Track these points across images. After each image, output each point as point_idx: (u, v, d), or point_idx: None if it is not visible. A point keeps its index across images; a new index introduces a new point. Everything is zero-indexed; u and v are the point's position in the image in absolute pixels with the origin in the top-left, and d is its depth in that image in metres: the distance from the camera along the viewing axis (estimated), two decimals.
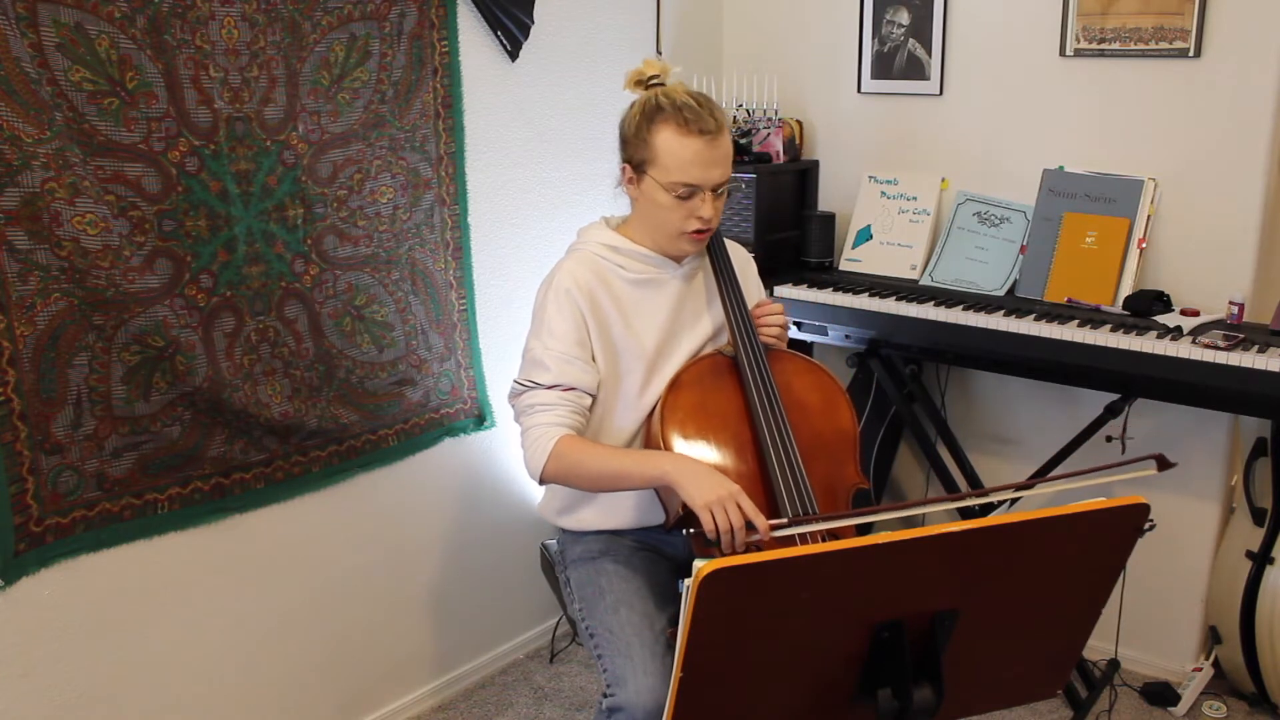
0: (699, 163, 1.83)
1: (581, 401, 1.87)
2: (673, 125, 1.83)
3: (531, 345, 1.91)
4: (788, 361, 2.00)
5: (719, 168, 1.85)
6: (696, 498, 1.65)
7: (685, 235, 1.89)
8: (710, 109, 1.85)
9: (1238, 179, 2.57)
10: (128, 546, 2.06)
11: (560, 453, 1.79)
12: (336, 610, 2.48)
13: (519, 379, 1.91)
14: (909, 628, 1.35)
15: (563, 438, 1.80)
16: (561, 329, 1.88)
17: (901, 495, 3.33)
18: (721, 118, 1.86)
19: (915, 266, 2.97)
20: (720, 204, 1.90)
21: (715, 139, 1.83)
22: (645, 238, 1.95)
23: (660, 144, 1.84)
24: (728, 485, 1.67)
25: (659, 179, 1.85)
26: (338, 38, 2.23)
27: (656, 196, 1.87)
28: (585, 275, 1.91)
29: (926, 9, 2.94)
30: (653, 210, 1.89)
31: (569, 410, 1.85)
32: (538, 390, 1.86)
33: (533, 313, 1.95)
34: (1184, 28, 2.56)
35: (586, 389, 1.88)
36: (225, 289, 2.12)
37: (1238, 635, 2.62)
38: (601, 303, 1.91)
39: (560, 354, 1.86)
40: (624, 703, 1.74)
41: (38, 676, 1.96)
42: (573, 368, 1.87)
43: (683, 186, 1.84)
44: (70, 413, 1.92)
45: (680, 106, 1.83)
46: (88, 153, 1.88)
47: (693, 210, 1.86)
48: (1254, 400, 2.31)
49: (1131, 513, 1.38)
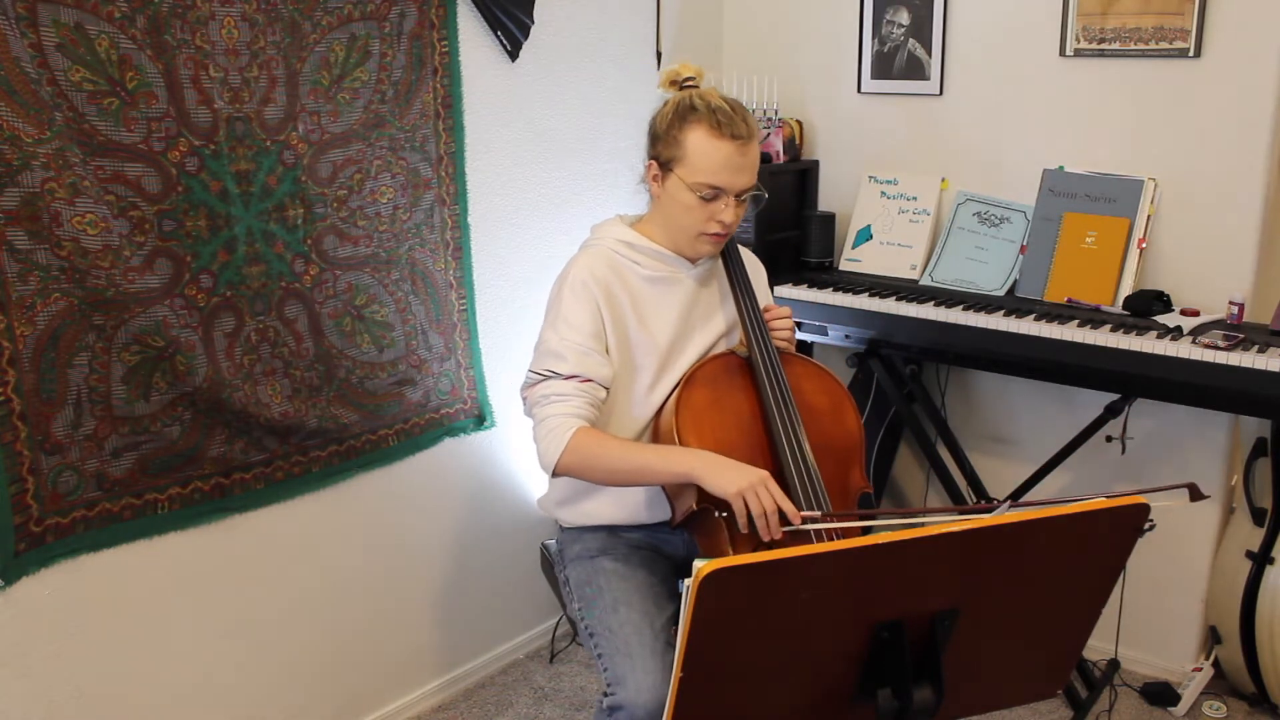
0: (728, 167, 1.84)
1: (597, 394, 1.86)
2: (705, 126, 1.83)
3: (547, 336, 1.90)
4: (797, 365, 2.01)
5: (745, 174, 1.86)
6: (729, 486, 1.66)
7: (704, 236, 1.90)
8: (743, 115, 1.86)
9: (1238, 179, 2.56)
10: (128, 546, 2.06)
11: (577, 445, 1.78)
12: (336, 610, 2.48)
13: (534, 369, 1.90)
14: (909, 628, 1.35)
15: (580, 429, 1.79)
16: (578, 320, 1.87)
17: (901, 495, 3.33)
18: (753, 125, 1.87)
19: (915, 266, 2.97)
20: (741, 210, 1.91)
21: (746, 145, 1.85)
22: (662, 236, 1.96)
23: (691, 144, 1.85)
24: (757, 472, 1.68)
25: (685, 178, 1.86)
26: (338, 38, 2.23)
27: (680, 196, 1.88)
28: (601, 270, 1.92)
29: (926, 9, 2.94)
30: (674, 209, 1.90)
31: (585, 402, 1.83)
32: (554, 380, 1.85)
33: (547, 305, 1.96)
34: (1184, 28, 2.56)
35: (603, 381, 1.87)
36: (225, 289, 2.12)
37: (1238, 635, 2.62)
38: (617, 297, 1.92)
39: (577, 345, 1.86)
40: (624, 701, 1.74)
41: (38, 676, 1.96)
42: (590, 359, 1.86)
43: (708, 188, 1.85)
44: (70, 413, 1.92)
45: (714, 109, 1.84)
46: (88, 153, 1.88)
47: (714, 213, 1.87)
48: (1254, 400, 2.31)
49: (1131, 513, 1.38)
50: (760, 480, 1.66)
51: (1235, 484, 2.75)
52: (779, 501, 1.66)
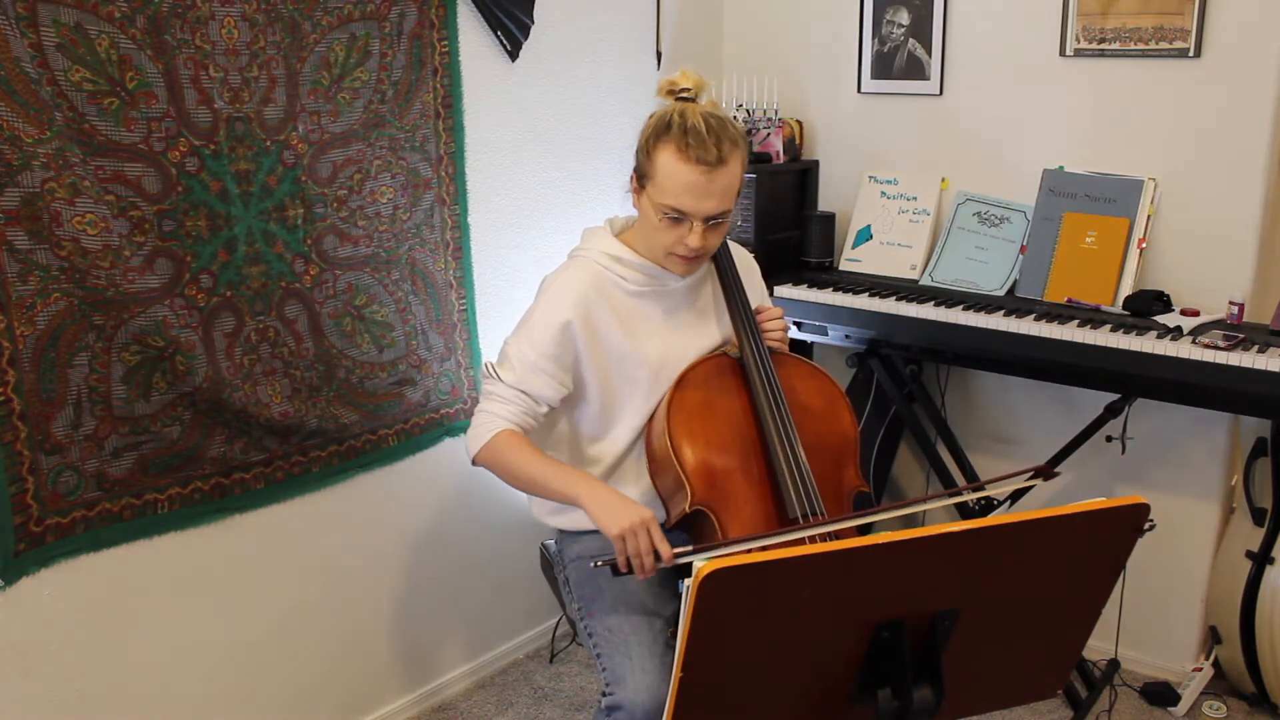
0: (690, 192, 1.80)
1: (535, 408, 1.91)
2: (673, 148, 1.79)
3: (512, 340, 1.95)
4: (790, 365, 2.01)
5: (712, 200, 1.81)
6: (610, 526, 1.70)
7: (673, 256, 1.89)
8: (719, 138, 1.79)
9: (1238, 179, 2.56)
10: (128, 546, 2.06)
11: (495, 444, 1.86)
12: (336, 610, 2.48)
13: (492, 362, 1.96)
14: (909, 628, 1.36)
15: (504, 431, 1.87)
16: (540, 339, 1.90)
17: (901, 495, 3.33)
18: (729, 151, 1.80)
19: (915, 266, 2.97)
20: (715, 234, 1.87)
21: (713, 171, 1.78)
22: (643, 244, 1.96)
23: (660, 163, 1.82)
24: (640, 512, 1.70)
25: (653, 198, 1.85)
26: (338, 38, 2.23)
27: (649, 214, 1.88)
28: (584, 289, 1.92)
29: (926, 9, 2.94)
30: (647, 225, 1.91)
31: (520, 410, 1.90)
32: (498, 383, 1.92)
33: (531, 304, 1.98)
34: (1184, 28, 2.56)
35: (542, 399, 1.92)
36: (225, 289, 2.12)
37: (1238, 635, 2.62)
38: (599, 319, 1.93)
39: (531, 362, 1.90)
40: (623, 701, 1.74)
41: (38, 676, 1.96)
42: (536, 378, 1.90)
43: (672, 210, 1.82)
44: (70, 413, 1.92)
45: (687, 130, 1.79)
46: (88, 153, 1.87)
47: (680, 236, 1.85)
48: (1254, 400, 2.31)
49: (1131, 513, 1.38)
50: (641, 523, 1.68)
51: (1235, 484, 2.75)
52: (656, 544, 1.68)
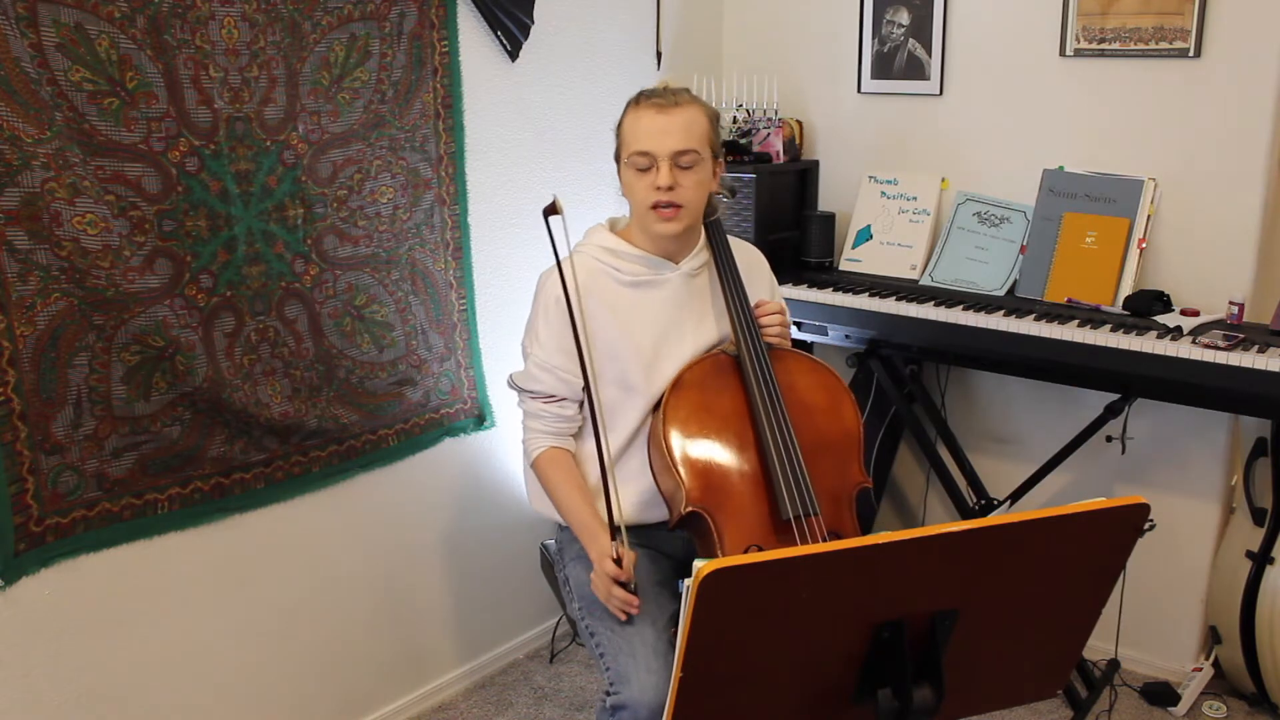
0: (650, 131, 1.87)
1: (564, 411, 1.99)
2: (632, 107, 1.93)
3: (525, 340, 2.04)
4: (792, 361, 2.00)
5: (673, 136, 1.87)
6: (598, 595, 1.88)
7: (652, 212, 1.90)
8: (673, 91, 1.91)
9: (1238, 179, 2.56)
10: (128, 546, 2.06)
11: (539, 466, 2.00)
12: (336, 610, 2.48)
13: (518, 377, 2.03)
14: (909, 628, 1.35)
15: (545, 452, 1.99)
16: (545, 336, 1.97)
17: (901, 495, 3.33)
18: (684, 98, 1.90)
19: (915, 266, 2.97)
20: (687, 178, 1.88)
21: (666, 108, 1.88)
22: (638, 235, 1.98)
23: (624, 125, 1.93)
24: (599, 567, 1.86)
25: (624, 159, 1.92)
26: (338, 38, 2.23)
27: (625, 177, 1.94)
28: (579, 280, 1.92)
29: (926, 9, 2.94)
30: (629, 196, 1.95)
31: (552, 419, 1.99)
32: (525, 397, 2.02)
33: (533, 303, 2.03)
34: (1184, 28, 2.56)
35: (568, 395, 1.98)
36: (225, 289, 2.12)
37: (1238, 635, 2.62)
38: (588, 303, 1.93)
39: (543, 362, 1.97)
40: (628, 700, 1.74)
41: (38, 676, 1.96)
42: (552, 377, 1.97)
43: (639, 155, 1.88)
44: (70, 413, 1.92)
45: (643, 91, 1.93)
46: (88, 153, 1.87)
47: (652, 181, 1.88)
48: (1254, 400, 2.31)
49: (1131, 513, 1.38)
50: (602, 580, 1.84)
51: (1235, 484, 2.75)
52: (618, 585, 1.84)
